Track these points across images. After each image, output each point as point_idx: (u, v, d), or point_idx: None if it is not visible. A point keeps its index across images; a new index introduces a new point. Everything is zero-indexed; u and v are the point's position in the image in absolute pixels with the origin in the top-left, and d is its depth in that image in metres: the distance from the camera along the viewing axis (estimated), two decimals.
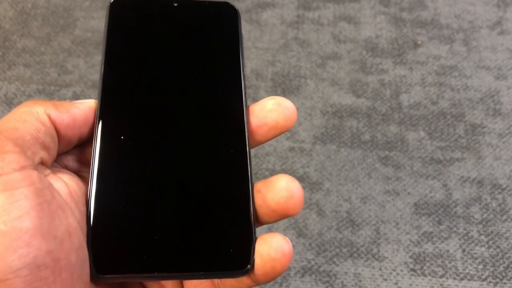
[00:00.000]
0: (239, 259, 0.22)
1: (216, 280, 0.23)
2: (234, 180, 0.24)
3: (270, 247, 0.22)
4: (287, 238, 0.22)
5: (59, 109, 0.22)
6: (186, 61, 0.26)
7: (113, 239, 0.22)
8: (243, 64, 0.27)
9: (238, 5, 0.84)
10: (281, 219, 0.23)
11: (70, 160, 0.24)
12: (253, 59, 0.78)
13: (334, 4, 0.86)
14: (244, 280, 0.23)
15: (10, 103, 0.72)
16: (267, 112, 0.25)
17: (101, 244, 0.21)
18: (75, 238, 0.20)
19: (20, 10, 0.82)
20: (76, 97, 0.73)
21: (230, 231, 0.23)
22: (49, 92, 0.73)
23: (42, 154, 0.21)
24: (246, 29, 0.82)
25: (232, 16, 0.28)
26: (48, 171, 0.21)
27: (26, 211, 0.18)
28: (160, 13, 0.27)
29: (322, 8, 0.86)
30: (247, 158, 0.24)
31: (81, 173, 0.24)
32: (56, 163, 0.23)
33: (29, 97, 0.72)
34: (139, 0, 0.27)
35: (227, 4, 0.28)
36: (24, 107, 0.22)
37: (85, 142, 0.24)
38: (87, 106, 0.24)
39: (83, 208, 0.22)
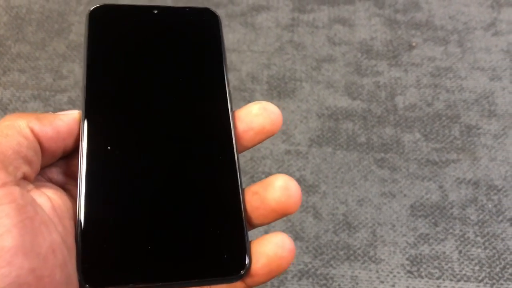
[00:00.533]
0: (233, 264, 0.22)
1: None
2: (224, 186, 0.24)
3: (276, 245, 0.22)
4: (288, 236, 0.23)
5: (42, 122, 0.22)
6: (169, 69, 0.26)
7: (103, 250, 0.21)
8: (226, 70, 0.27)
9: (233, 8, 0.84)
10: (280, 218, 0.23)
11: (54, 173, 0.23)
12: (248, 62, 0.78)
13: (328, 7, 0.86)
14: (238, 285, 0.23)
15: (5, 109, 0.72)
16: (253, 116, 0.25)
17: (90, 255, 0.21)
18: (59, 254, 0.20)
19: (15, 15, 0.82)
20: (71, 102, 0.73)
21: (222, 237, 0.23)
22: (44, 97, 0.73)
23: (25, 169, 0.21)
24: (241, 32, 0.82)
25: (213, 22, 0.28)
26: (31, 186, 0.21)
27: (7, 229, 0.18)
28: (140, 20, 0.27)
29: (317, 10, 0.86)
30: (235, 163, 0.24)
31: (67, 186, 0.23)
32: (41, 176, 0.23)
33: (24, 102, 0.72)
34: (118, 8, 0.27)
35: (208, 10, 0.28)
36: (6, 121, 0.21)
37: (70, 154, 0.24)
38: (71, 117, 0.23)
39: (68, 223, 0.21)
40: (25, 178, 0.21)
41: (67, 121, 0.23)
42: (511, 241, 0.62)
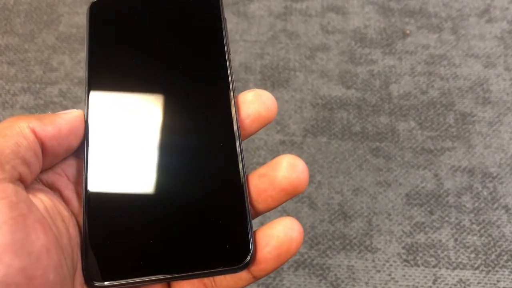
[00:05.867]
0: (236, 253, 0.22)
1: (209, 282, 0.23)
2: (225, 174, 0.23)
3: (285, 227, 0.22)
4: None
5: (43, 121, 0.22)
6: (172, 55, 0.26)
7: (108, 245, 0.21)
8: (228, 54, 0.27)
9: None
10: (288, 198, 0.23)
11: (50, 175, 0.23)
12: (241, 52, 0.77)
13: None
14: (244, 276, 0.22)
15: None
16: (248, 104, 0.25)
17: (96, 250, 0.21)
18: (54, 255, 0.19)
19: (2, 7, 0.81)
20: (62, 94, 0.71)
21: (223, 227, 0.22)
22: (35, 90, 0.72)
23: (22, 169, 0.20)
24: (233, 21, 0.81)
25: (214, 7, 0.27)
26: (24, 187, 0.21)
27: None
28: (143, 6, 0.27)
29: None
30: (236, 150, 0.24)
31: (59, 187, 0.23)
32: (39, 179, 0.23)
33: (14, 95, 0.71)
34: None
35: None
36: (6, 122, 0.21)
37: (70, 156, 0.24)
38: (73, 115, 0.23)
39: (60, 225, 0.21)
40: (21, 179, 0.20)
41: (69, 120, 0.23)
42: (506, 228, 0.62)
